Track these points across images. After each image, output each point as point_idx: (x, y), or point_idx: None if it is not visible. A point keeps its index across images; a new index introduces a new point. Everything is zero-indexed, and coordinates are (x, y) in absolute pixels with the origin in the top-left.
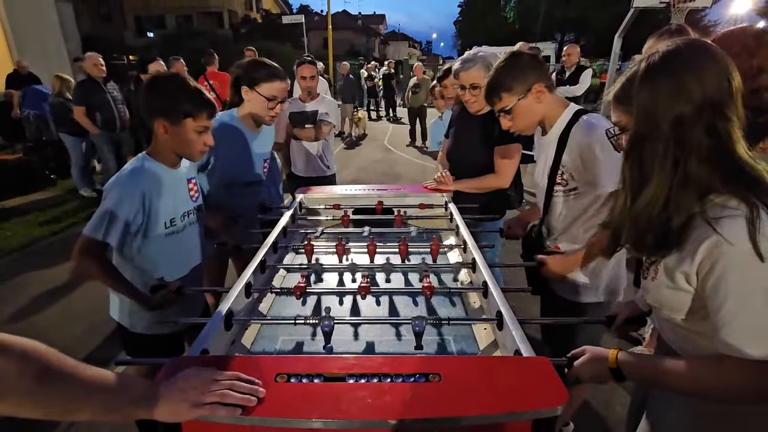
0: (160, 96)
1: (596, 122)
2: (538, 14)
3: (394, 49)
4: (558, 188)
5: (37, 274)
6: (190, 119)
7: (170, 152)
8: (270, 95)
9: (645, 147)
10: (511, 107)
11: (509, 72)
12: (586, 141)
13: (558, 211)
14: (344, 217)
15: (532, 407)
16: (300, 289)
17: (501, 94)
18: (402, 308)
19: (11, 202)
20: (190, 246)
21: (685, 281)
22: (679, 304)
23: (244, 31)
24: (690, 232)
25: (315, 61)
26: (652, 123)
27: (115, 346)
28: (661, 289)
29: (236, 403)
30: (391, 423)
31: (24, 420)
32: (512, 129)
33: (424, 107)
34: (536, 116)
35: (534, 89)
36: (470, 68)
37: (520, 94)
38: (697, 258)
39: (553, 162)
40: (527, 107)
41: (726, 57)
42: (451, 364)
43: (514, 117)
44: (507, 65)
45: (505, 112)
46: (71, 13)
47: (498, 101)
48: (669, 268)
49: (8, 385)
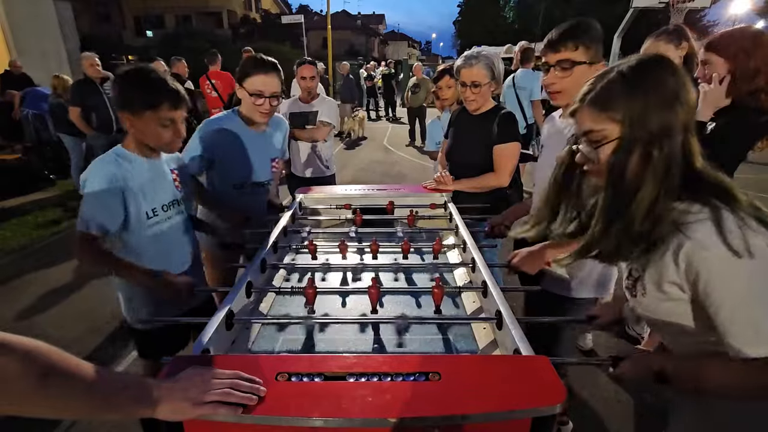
0: (123, 88)
1: None
2: (537, 14)
3: (393, 49)
4: None
5: (36, 275)
6: (150, 111)
7: (141, 144)
8: (254, 90)
9: (637, 152)
10: (576, 62)
11: (594, 32)
12: None
13: None
14: (357, 217)
15: (531, 405)
16: (311, 295)
17: (579, 46)
18: (402, 308)
19: (10, 203)
20: (176, 240)
21: (678, 290)
22: (673, 315)
23: (243, 31)
24: (661, 238)
25: (315, 61)
26: (645, 129)
27: (116, 345)
28: (655, 302)
29: (237, 401)
30: (392, 421)
31: (25, 418)
32: (556, 88)
33: (424, 107)
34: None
35: (598, 66)
36: (473, 65)
37: (590, 58)
38: (681, 266)
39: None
40: (584, 76)
41: None
42: (450, 362)
43: (569, 76)
44: (592, 25)
45: (563, 66)
46: (70, 13)
47: (571, 50)
48: (655, 282)
49: (12, 384)
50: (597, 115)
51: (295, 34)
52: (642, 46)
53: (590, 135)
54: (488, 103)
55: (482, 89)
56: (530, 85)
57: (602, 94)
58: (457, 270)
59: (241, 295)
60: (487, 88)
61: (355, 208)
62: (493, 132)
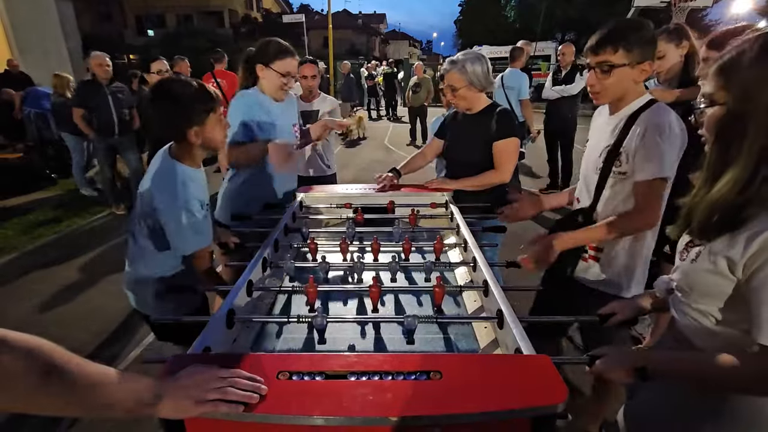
0: (185, 105)
1: (669, 111)
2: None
3: (394, 48)
4: (613, 169)
5: (38, 274)
6: (211, 114)
7: (201, 153)
8: (284, 71)
9: (736, 127)
10: (615, 65)
11: (638, 34)
12: (656, 120)
13: (606, 195)
14: (358, 216)
15: (533, 404)
16: (312, 294)
17: (619, 48)
18: (403, 307)
19: (12, 202)
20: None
21: (727, 268)
22: (712, 290)
23: (244, 30)
24: (747, 220)
25: (316, 60)
26: (751, 104)
27: (118, 343)
28: (699, 272)
29: (239, 400)
30: (393, 420)
31: (25, 416)
32: (596, 89)
33: (425, 106)
34: (623, 90)
35: (644, 65)
36: (449, 71)
37: (633, 60)
38: (750, 249)
39: (617, 139)
40: (627, 76)
41: None
42: (452, 361)
43: (609, 78)
44: (637, 27)
45: (602, 69)
46: (71, 12)
47: (610, 53)
48: (714, 252)
49: (14, 381)
50: (716, 77)
51: (296, 33)
52: None
53: (708, 97)
54: (479, 102)
55: (459, 92)
56: (518, 84)
57: (729, 60)
58: (458, 269)
59: (242, 294)
60: (465, 91)
61: (356, 207)
62: (492, 129)
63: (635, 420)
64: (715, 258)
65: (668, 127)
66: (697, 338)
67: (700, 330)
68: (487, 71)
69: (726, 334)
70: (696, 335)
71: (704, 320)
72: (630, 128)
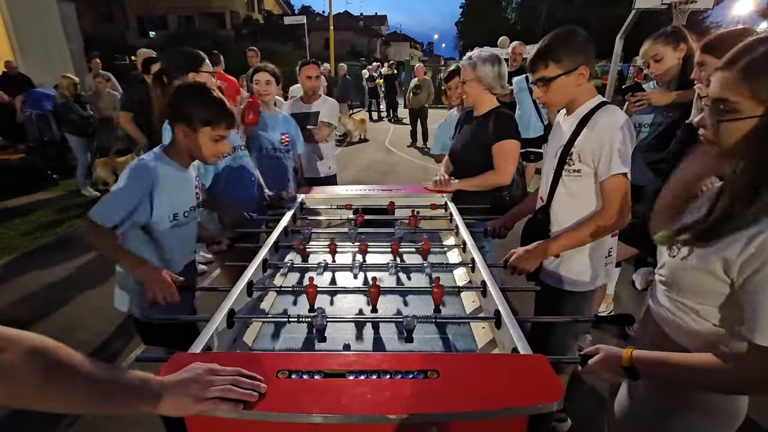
0: (184, 103)
1: (620, 111)
2: (539, 15)
3: (395, 49)
4: (565, 167)
5: (39, 274)
6: (208, 128)
7: (185, 154)
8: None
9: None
10: (551, 78)
11: (564, 44)
12: (611, 122)
13: (561, 192)
14: (358, 217)
15: (529, 403)
16: (311, 295)
17: (549, 63)
18: (402, 307)
19: (14, 202)
20: (189, 239)
21: (721, 269)
22: (701, 288)
23: (245, 31)
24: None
25: (318, 61)
26: None
27: (119, 342)
28: (689, 270)
29: (239, 398)
30: (390, 418)
31: (25, 413)
32: (542, 100)
33: (425, 108)
34: (568, 96)
35: (579, 70)
36: (464, 64)
37: (565, 69)
38: (747, 251)
39: (569, 139)
40: (566, 84)
41: None
42: (449, 361)
43: (550, 89)
44: (564, 37)
45: (543, 82)
46: (73, 13)
47: (542, 69)
48: (708, 252)
49: (18, 379)
50: (741, 85)
51: (298, 35)
52: (641, 48)
53: (720, 103)
54: (484, 102)
55: (466, 85)
56: None
57: (759, 64)
58: (456, 270)
59: (243, 294)
60: (471, 85)
61: (356, 208)
62: (490, 131)
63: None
64: (709, 257)
65: (622, 126)
66: (671, 330)
67: (676, 323)
68: (497, 73)
69: (706, 330)
70: (671, 327)
71: (684, 315)
72: (582, 128)
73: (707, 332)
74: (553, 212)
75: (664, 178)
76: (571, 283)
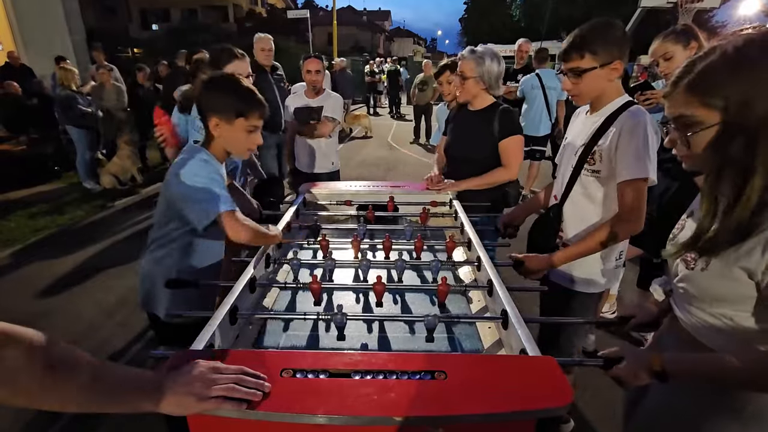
0: (216, 95)
1: (647, 113)
2: (543, 13)
3: (398, 45)
4: (586, 167)
5: (41, 267)
6: (242, 119)
7: (221, 148)
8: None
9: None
10: (585, 70)
11: (602, 36)
12: (634, 122)
13: (577, 191)
14: (369, 213)
15: (537, 406)
16: (316, 291)
17: (585, 54)
18: (406, 305)
19: (15, 195)
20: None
21: (745, 275)
22: (729, 295)
23: (248, 25)
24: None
25: (321, 55)
26: (752, 114)
27: (122, 337)
28: (712, 279)
29: (242, 397)
30: (396, 420)
31: (24, 411)
32: (571, 92)
33: (431, 105)
34: (598, 90)
35: (614, 64)
36: (466, 58)
37: (601, 62)
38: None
39: (592, 138)
40: (599, 78)
41: None
42: (457, 361)
43: (582, 81)
44: (602, 29)
45: (575, 73)
46: (76, 6)
47: (577, 59)
48: (726, 261)
49: (17, 376)
50: (690, 100)
51: (301, 29)
52: (650, 47)
53: (681, 120)
54: (481, 98)
55: (467, 82)
56: (556, 84)
57: (701, 78)
58: (462, 268)
59: (245, 290)
60: (472, 83)
61: (364, 204)
62: (495, 128)
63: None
64: (730, 267)
65: (648, 129)
66: (707, 338)
67: (711, 330)
68: (499, 73)
69: (744, 333)
70: (706, 335)
71: (717, 322)
72: (606, 129)
73: (745, 334)
74: (566, 211)
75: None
76: (583, 284)
